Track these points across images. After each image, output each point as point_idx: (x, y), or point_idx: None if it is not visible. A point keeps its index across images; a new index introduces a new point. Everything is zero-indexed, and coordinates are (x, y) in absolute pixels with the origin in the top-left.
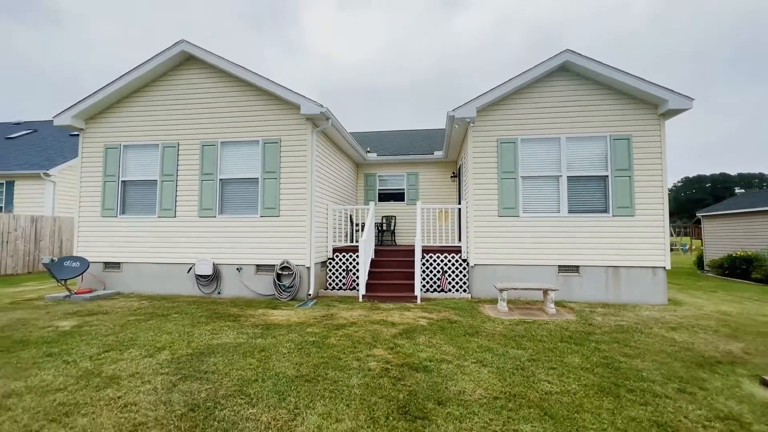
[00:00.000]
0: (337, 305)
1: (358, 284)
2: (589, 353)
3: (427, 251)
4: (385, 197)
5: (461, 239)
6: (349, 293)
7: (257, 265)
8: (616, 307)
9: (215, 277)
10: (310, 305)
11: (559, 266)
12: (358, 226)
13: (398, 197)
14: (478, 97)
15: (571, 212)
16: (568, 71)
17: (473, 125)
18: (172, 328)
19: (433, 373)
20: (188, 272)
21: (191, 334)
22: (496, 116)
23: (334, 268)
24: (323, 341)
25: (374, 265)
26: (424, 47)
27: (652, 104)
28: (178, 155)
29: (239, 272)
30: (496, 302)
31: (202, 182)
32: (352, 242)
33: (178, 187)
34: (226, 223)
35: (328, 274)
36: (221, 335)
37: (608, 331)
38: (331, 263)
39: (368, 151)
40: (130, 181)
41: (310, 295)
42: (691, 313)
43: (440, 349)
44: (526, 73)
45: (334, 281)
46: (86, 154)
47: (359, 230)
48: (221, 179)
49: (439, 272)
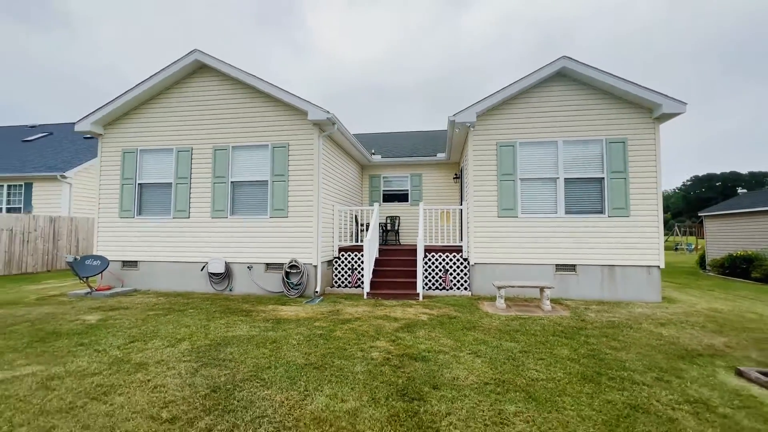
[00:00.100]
0: (342, 302)
1: (362, 282)
2: (577, 346)
3: (429, 250)
4: (389, 198)
5: (462, 239)
6: (354, 291)
7: (267, 263)
8: (610, 304)
9: (227, 275)
10: (317, 302)
11: (556, 265)
12: (363, 226)
13: (402, 198)
14: (478, 102)
15: (568, 213)
16: (565, 76)
17: (473, 129)
18: (189, 321)
19: (430, 362)
20: (201, 270)
21: (207, 327)
22: (495, 120)
23: (340, 266)
24: (330, 334)
25: (378, 264)
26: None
27: (646, 108)
28: (191, 159)
29: (250, 270)
30: (495, 299)
31: (214, 185)
32: (357, 242)
33: (191, 189)
34: (237, 223)
35: (334, 272)
36: (235, 328)
37: (599, 326)
38: (337, 262)
39: (373, 153)
40: (146, 183)
41: (317, 292)
42: (682, 310)
43: (438, 341)
44: (524, 78)
45: (340, 279)
46: (105, 158)
47: (364, 230)
48: (233, 182)
49: (441, 271)
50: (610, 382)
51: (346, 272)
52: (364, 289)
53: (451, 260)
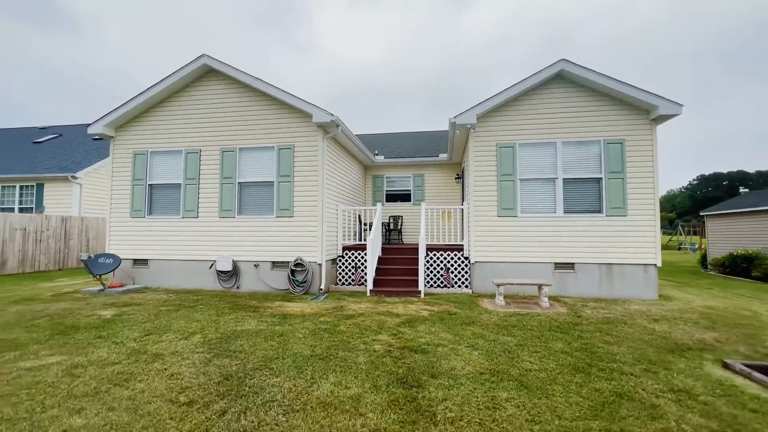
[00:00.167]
0: (346, 299)
1: (366, 280)
2: (571, 340)
3: (431, 249)
4: (392, 198)
5: (463, 238)
6: (357, 288)
7: (273, 261)
8: (607, 301)
9: (234, 272)
10: (321, 299)
11: (555, 263)
12: (366, 225)
13: (405, 198)
14: (478, 104)
15: (566, 212)
16: (563, 79)
17: (474, 131)
18: (200, 317)
19: (429, 354)
20: (210, 268)
21: (217, 322)
22: (495, 122)
23: (344, 264)
24: (334, 328)
25: (381, 262)
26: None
27: (644, 110)
28: (200, 160)
29: (256, 268)
30: (494, 297)
31: (222, 185)
32: (360, 241)
33: (200, 189)
34: (244, 223)
35: (338, 270)
36: (244, 323)
37: (594, 322)
38: (341, 260)
39: (376, 153)
40: (156, 184)
41: (321, 289)
42: (677, 307)
43: (438, 335)
44: (523, 81)
45: (343, 277)
46: (116, 159)
47: (367, 229)
48: (240, 182)
49: (442, 269)
50: (599, 372)
51: (349, 270)
52: (367, 286)
53: (452, 259)
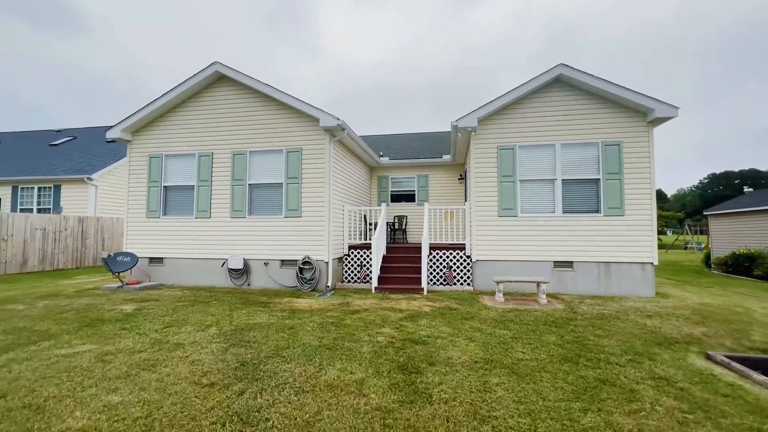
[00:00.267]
0: (352, 295)
1: (371, 277)
2: (564, 333)
3: (434, 248)
4: (397, 198)
5: (465, 237)
6: (363, 286)
7: (282, 260)
8: (604, 299)
9: (245, 270)
10: (328, 295)
11: (554, 262)
12: (371, 225)
13: (409, 198)
14: (479, 108)
15: (565, 212)
16: (562, 83)
17: (475, 133)
18: (214, 311)
19: (429, 345)
20: (222, 266)
21: (231, 316)
22: (496, 125)
23: (349, 263)
24: (340, 322)
25: (386, 260)
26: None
27: (641, 113)
28: (212, 163)
29: (266, 266)
30: (494, 294)
31: (233, 187)
32: (366, 240)
33: (212, 191)
34: (254, 223)
35: (344, 268)
36: (256, 317)
37: (589, 317)
38: (347, 259)
39: (381, 155)
40: (170, 186)
41: (328, 286)
42: (672, 304)
43: (438, 329)
44: (523, 85)
45: (349, 275)
46: (133, 162)
47: (372, 229)
48: (250, 184)
49: (444, 267)
50: (587, 362)
51: (355, 268)
52: (372, 284)
53: (454, 257)
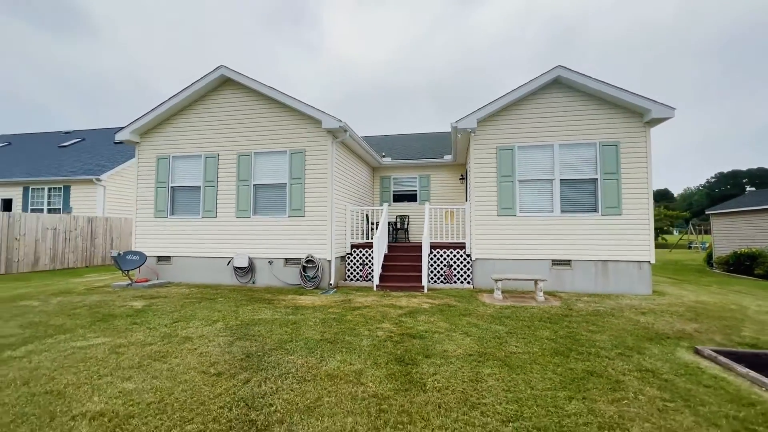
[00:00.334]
0: (354, 293)
1: (373, 276)
2: (558, 329)
3: (435, 247)
4: (399, 198)
5: (466, 236)
6: (365, 284)
7: (286, 258)
8: (601, 296)
9: (250, 269)
10: (331, 293)
11: (552, 260)
12: (374, 224)
13: (411, 198)
14: (478, 109)
15: (563, 212)
16: (560, 84)
17: (474, 134)
18: (220, 307)
19: (426, 339)
20: (227, 265)
21: (237, 312)
22: (495, 126)
23: (352, 261)
24: (342, 318)
25: (388, 259)
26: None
27: (638, 113)
28: (218, 164)
29: (270, 265)
30: (493, 292)
31: (238, 187)
32: (368, 239)
33: (218, 191)
34: (259, 222)
35: (346, 266)
36: (260, 313)
37: (584, 314)
38: (349, 257)
39: (383, 155)
40: (178, 186)
41: (331, 284)
42: (668, 301)
43: (436, 324)
44: (522, 87)
45: (352, 273)
46: (141, 164)
47: (374, 228)
48: (255, 185)
49: (445, 266)
50: (577, 355)
51: (357, 267)
52: (373, 282)
53: (454, 256)
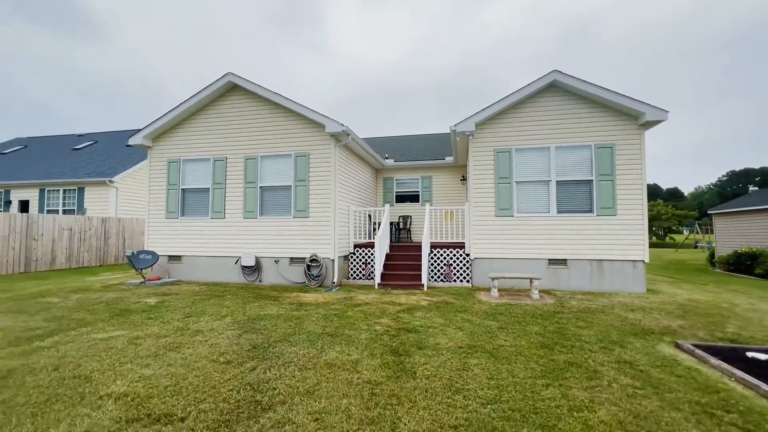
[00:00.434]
0: (356, 291)
1: (374, 274)
2: (548, 325)
3: (435, 246)
4: (401, 199)
5: (465, 236)
6: (367, 282)
7: (291, 258)
8: (595, 294)
9: (257, 267)
10: (334, 290)
11: (548, 260)
12: (376, 225)
13: (414, 199)
14: (476, 113)
15: (559, 212)
16: (556, 88)
17: (473, 137)
18: (229, 304)
19: (421, 333)
20: (235, 264)
21: (244, 307)
22: (493, 129)
23: (355, 260)
24: (343, 313)
25: (389, 258)
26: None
27: (632, 116)
28: (226, 167)
29: (276, 264)
30: (490, 290)
31: (245, 189)
32: (370, 239)
33: (226, 193)
34: (265, 223)
35: (349, 265)
36: (266, 309)
37: (575, 311)
38: (352, 257)
39: (386, 157)
40: (188, 188)
41: (334, 282)
42: (659, 299)
43: (432, 320)
44: (519, 91)
45: (354, 272)
46: (153, 167)
47: (377, 229)
48: (261, 187)
49: (445, 265)
50: (561, 348)
51: (360, 266)
52: (375, 280)
53: (454, 255)
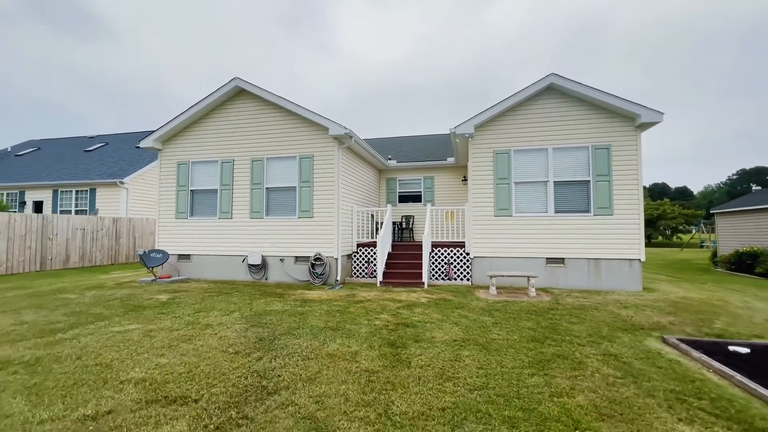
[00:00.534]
0: (358, 288)
1: (376, 273)
2: (542, 321)
3: (436, 246)
4: (404, 199)
5: (465, 236)
6: (369, 280)
7: (296, 256)
8: (591, 292)
9: (263, 266)
10: (337, 288)
11: (546, 258)
12: (379, 224)
13: (416, 199)
14: (475, 115)
15: (557, 212)
16: (554, 90)
17: (472, 139)
18: (236, 300)
19: (418, 327)
20: (242, 262)
21: (251, 304)
22: (492, 131)
23: (357, 259)
24: (345, 310)
25: (391, 257)
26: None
27: (629, 118)
28: (233, 169)
29: (282, 262)
30: (489, 288)
31: (252, 190)
32: (373, 238)
33: (233, 194)
34: (271, 223)
35: (353, 264)
36: (272, 305)
37: (569, 308)
38: (355, 255)
39: (389, 158)
40: (196, 190)
41: (337, 280)
42: (654, 297)
43: (429, 315)
44: (517, 93)
45: (358, 270)
46: (163, 169)
47: (380, 228)
48: (267, 188)
49: (445, 263)
50: (552, 342)
51: (363, 264)
52: (377, 278)
53: (454, 254)
